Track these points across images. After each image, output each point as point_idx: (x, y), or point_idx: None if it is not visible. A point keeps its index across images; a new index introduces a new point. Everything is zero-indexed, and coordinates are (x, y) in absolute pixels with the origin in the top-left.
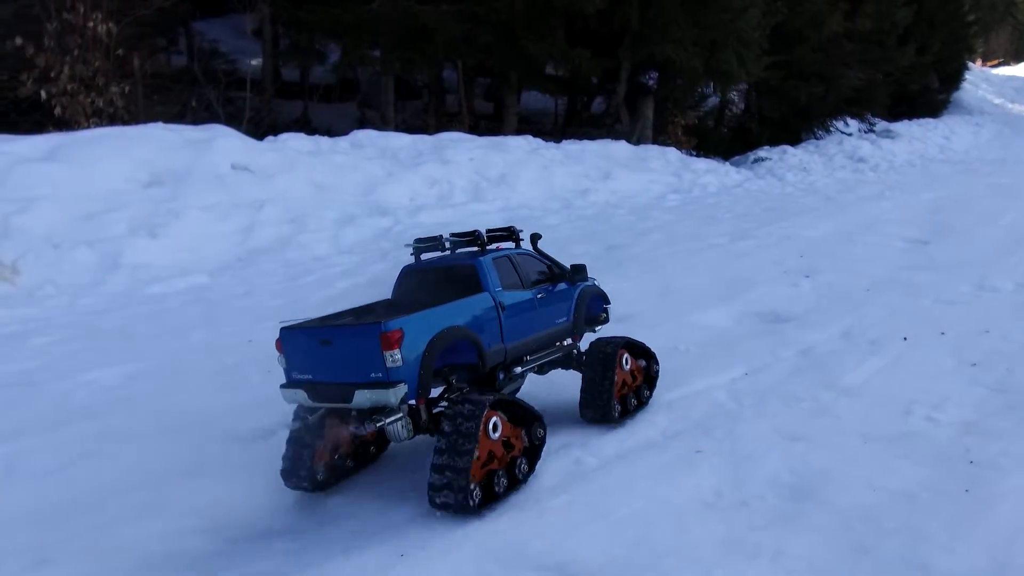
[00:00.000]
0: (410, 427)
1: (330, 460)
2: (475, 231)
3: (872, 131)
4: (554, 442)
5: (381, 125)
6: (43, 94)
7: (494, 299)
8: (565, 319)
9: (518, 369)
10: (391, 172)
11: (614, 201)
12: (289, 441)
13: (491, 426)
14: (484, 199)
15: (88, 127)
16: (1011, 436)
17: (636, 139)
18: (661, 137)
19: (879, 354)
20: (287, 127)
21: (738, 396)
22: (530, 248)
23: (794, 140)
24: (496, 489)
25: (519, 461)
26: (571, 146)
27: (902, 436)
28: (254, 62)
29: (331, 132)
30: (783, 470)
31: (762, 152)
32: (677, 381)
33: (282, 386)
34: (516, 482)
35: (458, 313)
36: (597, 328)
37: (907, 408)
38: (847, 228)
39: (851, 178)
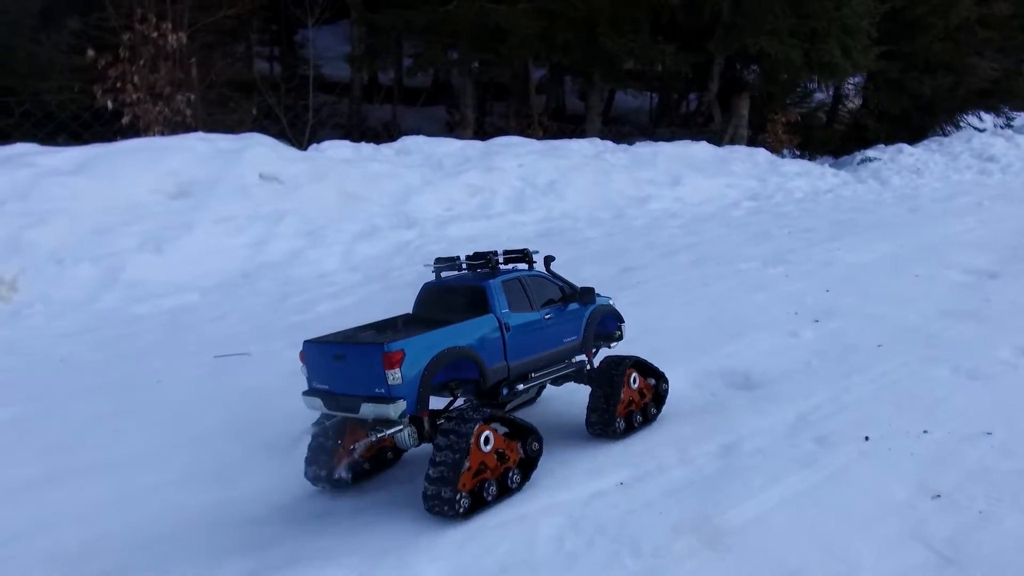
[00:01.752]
0: (415, 436)
1: (349, 461)
2: (489, 254)
3: (1010, 126)
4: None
5: (461, 128)
6: (109, 104)
7: (499, 320)
8: (575, 338)
9: (520, 386)
10: (429, 180)
11: (675, 210)
12: (311, 442)
13: (483, 439)
14: (526, 209)
15: (156, 135)
16: None
17: (729, 139)
18: (761, 136)
19: (809, 468)
20: (374, 131)
21: (563, 533)
22: (543, 270)
23: (916, 137)
24: (485, 496)
25: (512, 472)
26: (642, 149)
27: None
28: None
29: (419, 134)
30: None
31: (871, 152)
32: (538, 485)
33: (304, 393)
34: (507, 491)
35: (461, 334)
36: (612, 345)
37: None
38: (906, 251)
39: (971, 181)
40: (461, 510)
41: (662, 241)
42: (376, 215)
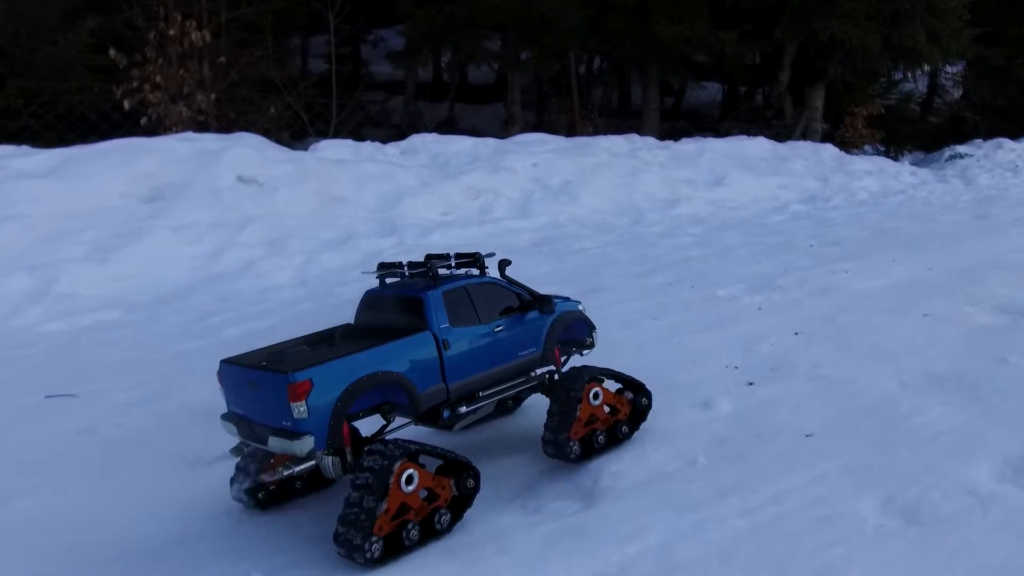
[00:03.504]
0: (339, 466)
1: (274, 483)
2: (429, 263)
3: None
4: None
5: (508, 126)
6: (126, 104)
7: (436, 337)
8: (533, 350)
9: (463, 409)
10: (426, 182)
11: (703, 215)
12: (236, 464)
13: (404, 479)
14: (530, 214)
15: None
16: None
17: (800, 133)
18: (839, 130)
19: None
20: (428, 129)
21: None
22: (496, 276)
23: (1022, 132)
24: (405, 541)
25: (440, 513)
26: (685, 146)
27: None
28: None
29: (475, 132)
30: None
31: (962, 148)
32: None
33: (222, 417)
34: (433, 533)
35: (385, 358)
36: (585, 352)
37: None
38: (932, 275)
39: None
40: (372, 557)
41: (656, 255)
42: (357, 221)
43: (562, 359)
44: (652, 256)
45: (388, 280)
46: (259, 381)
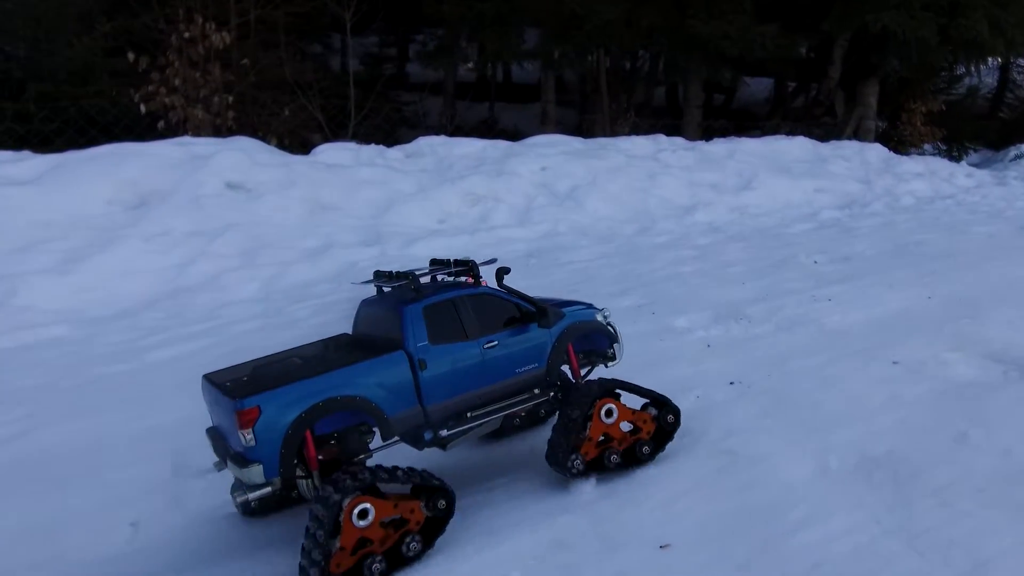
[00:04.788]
0: (310, 490)
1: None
2: (410, 272)
3: None
4: None
5: (543, 124)
6: (142, 108)
7: (411, 357)
8: (535, 365)
9: (444, 432)
10: (424, 187)
11: (722, 223)
12: None
13: (356, 514)
14: (530, 221)
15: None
16: None
17: (851, 132)
18: (896, 128)
19: None
20: (468, 130)
21: None
22: (493, 286)
23: None
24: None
25: (410, 539)
26: (715, 147)
27: None
28: (467, 67)
29: (515, 132)
30: None
31: None
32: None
33: (206, 430)
34: (403, 562)
35: (345, 381)
36: (609, 364)
37: None
38: (926, 307)
39: None
40: None
41: (640, 272)
42: (343, 229)
43: (582, 370)
44: (636, 273)
45: (385, 288)
46: (219, 401)
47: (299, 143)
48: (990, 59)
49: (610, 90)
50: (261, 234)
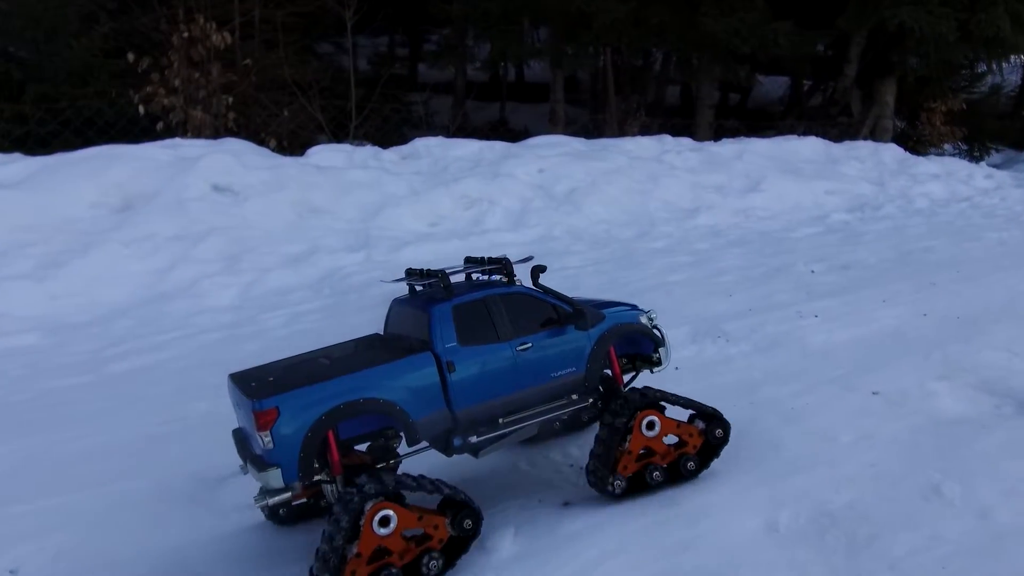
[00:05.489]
0: (333, 494)
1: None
2: (441, 271)
3: None
4: None
5: (552, 124)
6: (141, 109)
7: (439, 359)
8: (572, 370)
9: (474, 438)
10: (417, 190)
11: (725, 226)
12: None
13: (377, 521)
14: (525, 225)
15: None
16: None
17: (867, 132)
18: (916, 128)
19: None
20: (476, 130)
21: None
22: (528, 286)
23: None
24: None
25: (429, 556)
26: (722, 148)
27: None
28: (476, 66)
29: (525, 131)
30: None
31: None
32: None
33: (232, 431)
34: None
35: (369, 383)
36: (655, 370)
37: None
38: (922, 325)
39: None
40: None
41: (628, 280)
42: (330, 233)
43: (626, 377)
44: (623, 281)
45: (417, 287)
46: (241, 403)
47: (301, 144)
48: (1013, 57)
49: (620, 89)
50: (245, 238)
